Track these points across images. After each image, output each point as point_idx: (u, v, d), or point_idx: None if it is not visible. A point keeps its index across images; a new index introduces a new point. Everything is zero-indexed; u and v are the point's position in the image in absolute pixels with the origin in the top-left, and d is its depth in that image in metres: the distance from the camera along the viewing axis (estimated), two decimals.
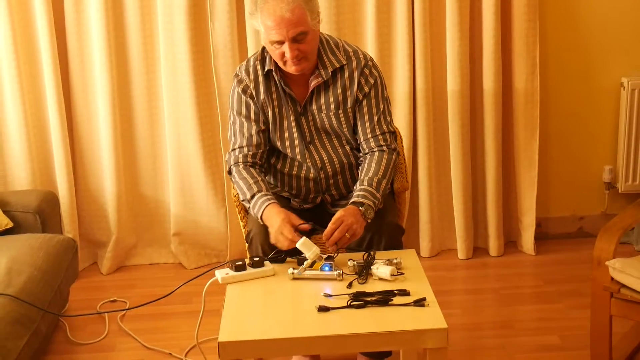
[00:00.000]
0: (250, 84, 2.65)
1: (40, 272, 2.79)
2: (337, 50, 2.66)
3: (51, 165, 3.76)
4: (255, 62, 2.68)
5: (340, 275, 2.30)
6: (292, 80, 2.65)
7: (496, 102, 3.68)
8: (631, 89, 3.74)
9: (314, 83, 2.62)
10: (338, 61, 2.64)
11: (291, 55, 2.48)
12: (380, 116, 2.68)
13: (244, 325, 2.10)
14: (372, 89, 2.66)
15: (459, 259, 3.85)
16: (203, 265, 3.84)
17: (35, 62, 3.65)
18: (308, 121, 2.68)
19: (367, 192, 2.53)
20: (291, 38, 2.47)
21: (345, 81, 2.65)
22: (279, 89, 2.66)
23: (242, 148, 2.67)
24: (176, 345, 3.06)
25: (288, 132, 2.70)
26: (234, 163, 2.67)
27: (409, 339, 2.06)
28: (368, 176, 2.58)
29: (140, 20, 3.64)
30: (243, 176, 2.63)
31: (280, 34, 2.46)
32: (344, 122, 2.68)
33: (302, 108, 2.67)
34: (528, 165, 3.77)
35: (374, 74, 2.67)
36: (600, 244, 2.61)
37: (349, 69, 2.65)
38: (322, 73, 2.62)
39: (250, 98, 2.65)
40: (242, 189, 2.61)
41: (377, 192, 2.54)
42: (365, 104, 2.66)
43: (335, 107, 2.66)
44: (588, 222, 4.00)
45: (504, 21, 3.64)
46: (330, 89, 2.65)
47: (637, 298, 2.47)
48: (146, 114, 3.77)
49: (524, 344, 3.01)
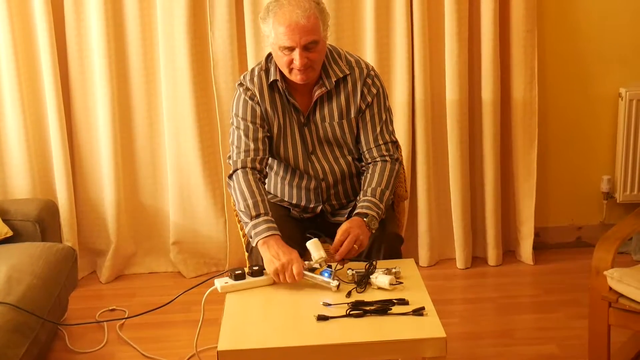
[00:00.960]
0: (256, 92, 2.65)
1: (39, 281, 2.80)
2: (340, 60, 2.67)
3: (51, 174, 3.76)
4: (260, 72, 2.67)
5: (337, 287, 2.29)
6: (296, 90, 2.66)
7: (494, 111, 3.69)
8: (629, 99, 3.75)
9: (318, 93, 2.63)
10: (341, 71, 2.65)
11: (300, 63, 2.49)
12: (383, 126, 2.69)
13: (243, 334, 2.11)
14: (375, 99, 2.68)
15: (458, 269, 3.85)
16: (202, 274, 3.84)
17: (35, 71, 3.66)
18: (311, 131, 2.69)
19: (371, 202, 2.54)
20: (303, 45, 2.47)
21: (348, 91, 2.66)
22: (283, 99, 2.66)
23: (249, 152, 2.62)
24: (175, 354, 3.06)
25: (291, 142, 2.70)
26: (242, 167, 2.60)
27: (407, 348, 2.06)
28: (371, 187, 2.59)
29: (141, 29, 3.65)
30: (250, 185, 2.55)
31: (293, 40, 2.47)
32: (347, 132, 2.69)
33: (305, 118, 2.67)
34: (526, 174, 3.78)
35: (376, 84, 2.69)
36: (598, 253, 2.61)
37: (352, 79, 2.66)
38: (326, 83, 2.62)
39: (257, 105, 2.65)
40: (245, 198, 2.53)
41: (380, 203, 2.55)
42: (368, 114, 2.67)
43: (339, 116, 2.67)
44: (586, 232, 4.01)
45: (502, 31, 3.66)
46: (333, 98, 2.66)
47: (635, 308, 2.48)
48: (146, 123, 3.77)
49: (522, 353, 3.01)
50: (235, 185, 2.59)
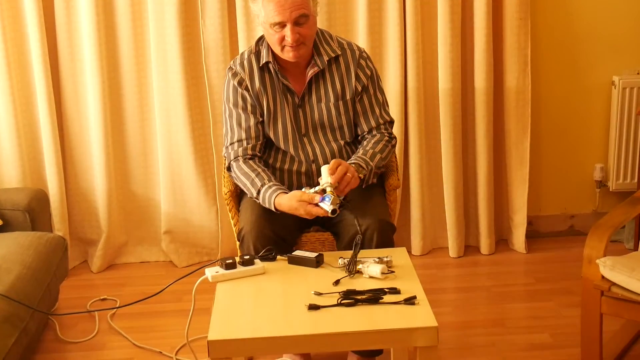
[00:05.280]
0: (245, 76, 2.67)
1: (29, 271, 2.78)
2: (331, 41, 2.71)
3: (41, 163, 3.74)
4: (250, 55, 2.69)
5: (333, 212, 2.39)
6: (288, 72, 2.68)
7: (487, 100, 3.68)
8: (622, 88, 3.74)
9: (311, 72, 2.65)
10: (333, 51, 2.68)
11: (292, 38, 2.52)
12: (381, 108, 2.76)
13: (234, 323, 2.10)
14: (370, 81, 2.73)
15: (450, 257, 3.85)
16: (194, 264, 3.84)
17: (25, 59, 3.64)
18: (305, 113, 2.70)
19: (359, 158, 2.61)
20: (294, 20, 2.51)
21: (342, 72, 2.69)
22: (274, 81, 2.68)
23: (242, 141, 2.67)
24: (166, 343, 3.05)
25: (282, 125, 2.70)
26: (234, 158, 2.68)
27: (399, 337, 2.06)
28: (365, 148, 2.67)
29: (131, 17, 3.62)
30: (244, 171, 2.64)
31: (283, 15, 2.50)
32: (343, 114, 2.71)
33: (300, 99, 2.67)
34: (519, 163, 3.77)
35: (369, 66, 2.74)
36: (591, 242, 2.61)
37: (345, 60, 2.69)
38: (318, 62, 2.65)
39: (245, 90, 2.67)
40: (246, 186, 2.63)
41: (370, 161, 2.63)
42: (366, 98, 2.73)
43: (335, 98, 2.69)
44: (579, 221, 4.01)
45: (495, 20, 3.64)
46: (327, 79, 2.68)
47: (627, 296, 2.47)
48: (137, 112, 3.75)
49: (514, 342, 3.01)
50: (236, 175, 2.67)
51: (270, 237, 2.55)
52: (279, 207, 2.53)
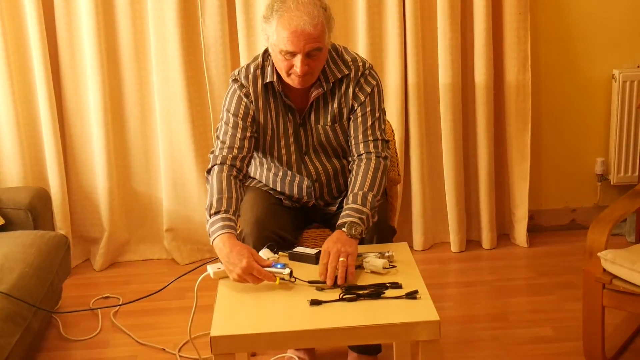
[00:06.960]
0: (251, 91, 2.56)
1: (32, 269, 2.79)
2: (338, 59, 2.57)
3: (43, 161, 3.74)
4: (256, 70, 2.57)
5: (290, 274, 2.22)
6: (291, 91, 2.57)
7: (488, 95, 3.68)
8: (622, 81, 3.74)
9: (315, 94, 2.55)
10: (340, 71, 2.56)
11: (301, 70, 2.39)
12: (375, 122, 2.59)
13: (236, 319, 2.10)
14: (369, 97, 2.58)
15: (452, 252, 3.85)
16: (196, 261, 3.84)
17: (25, 58, 3.64)
18: (306, 132, 2.62)
19: (351, 210, 2.42)
20: (306, 52, 2.38)
21: (342, 93, 2.58)
22: (277, 101, 2.58)
23: (232, 149, 2.54)
24: (169, 340, 3.06)
25: (285, 143, 2.64)
26: (220, 163, 2.51)
27: (401, 332, 2.06)
28: (353, 192, 2.48)
29: (131, 15, 3.63)
30: (221, 185, 2.44)
31: (296, 47, 2.36)
32: (340, 135, 2.63)
33: (300, 119, 2.61)
34: (520, 157, 3.77)
35: (370, 82, 2.59)
36: (592, 235, 2.61)
37: (347, 80, 2.57)
38: (323, 85, 2.54)
39: (250, 103, 2.57)
40: (211, 196, 2.43)
41: (363, 207, 2.43)
42: (360, 110, 2.58)
43: (332, 120, 2.60)
44: (580, 214, 4.01)
45: (495, 14, 3.64)
46: (329, 100, 2.59)
47: (629, 289, 2.48)
48: (138, 110, 3.76)
49: (517, 335, 3.02)
50: (211, 180, 2.50)
51: (270, 238, 2.53)
52: (217, 249, 2.31)
